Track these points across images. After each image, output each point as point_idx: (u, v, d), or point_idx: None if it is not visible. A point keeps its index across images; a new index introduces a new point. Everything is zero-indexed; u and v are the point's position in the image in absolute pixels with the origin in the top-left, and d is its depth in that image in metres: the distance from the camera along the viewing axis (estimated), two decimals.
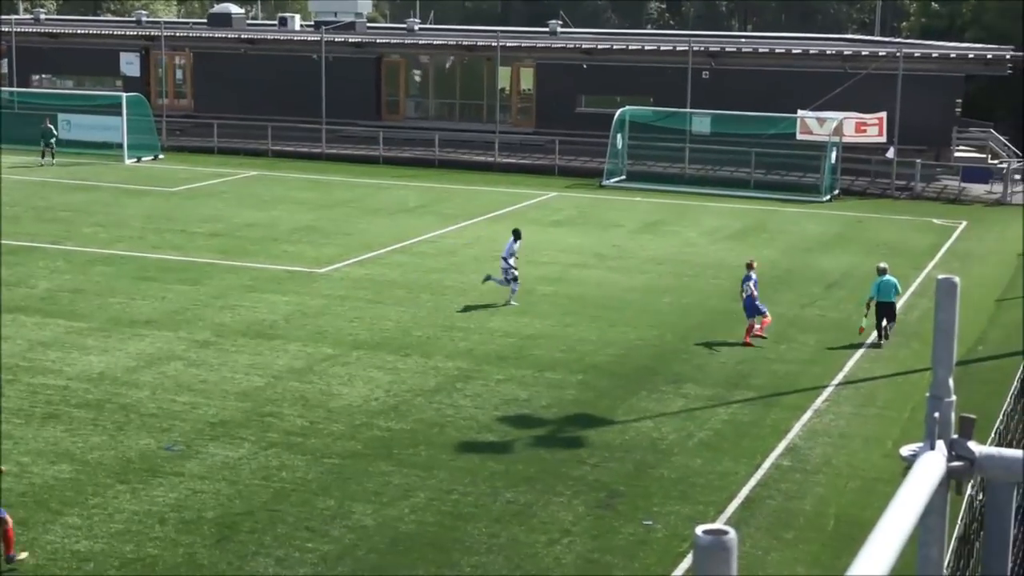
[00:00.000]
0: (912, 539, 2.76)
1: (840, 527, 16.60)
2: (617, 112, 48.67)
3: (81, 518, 16.23)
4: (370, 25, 68.87)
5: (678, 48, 51.74)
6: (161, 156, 52.82)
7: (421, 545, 15.71)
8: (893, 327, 25.61)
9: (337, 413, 20.51)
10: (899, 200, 45.66)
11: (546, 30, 59.99)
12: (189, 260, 32.27)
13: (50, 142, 50.48)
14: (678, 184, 47.23)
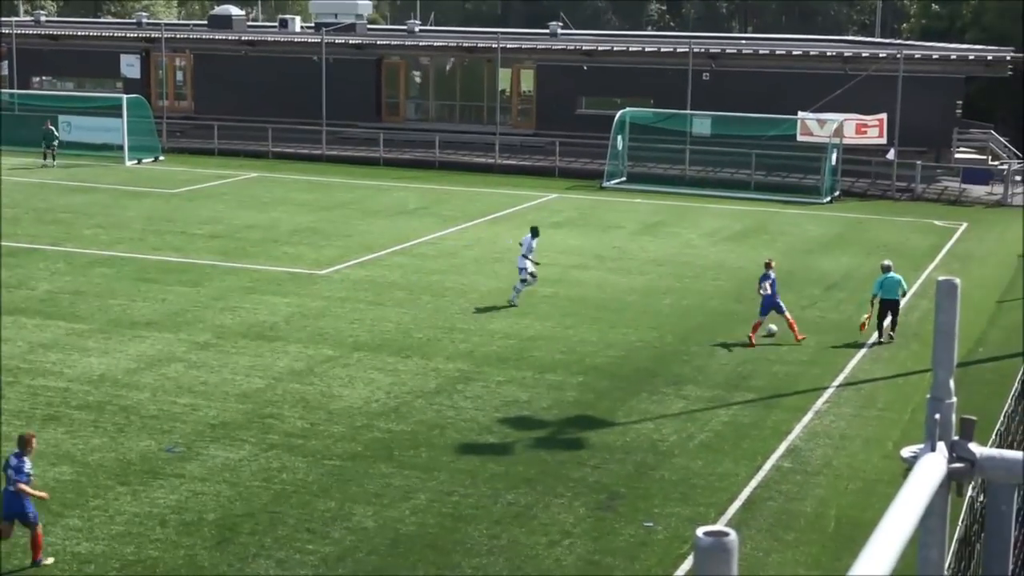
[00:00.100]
0: (913, 541, 2.76)
1: (841, 528, 16.60)
2: (617, 114, 48.69)
3: (82, 520, 16.23)
4: (370, 27, 68.85)
5: (678, 50, 51.75)
6: (161, 158, 52.83)
7: (422, 547, 15.71)
8: (896, 326, 25.66)
9: (337, 415, 20.51)
10: (899, 201, 45.66)
11: (546, 32, 59.98)
12: (189, 262, 32.28)
13: (52, 144, 50.51)
14: (678, 186, 47.23)
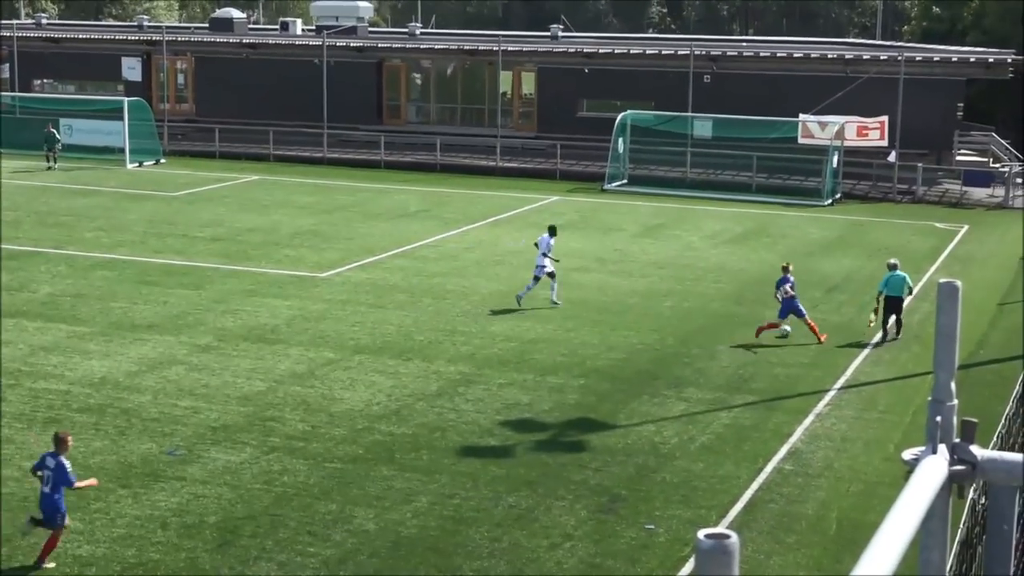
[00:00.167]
0: (914, 543, 2.76)
1: (842, 531, 16.59)
2: (618, 116, 48.70)
3: (83, 523, 16.23)
4: (371, 30, 68.88)
5: (679, 52, 51.77)
6: (163, 161, 52.86)
7: (423, 549, 15.70)
8: (901, 325, 25.74)
9: (339, 417, 20.51)
10: (900, 204, 45.66)
11: (547, 34, 59.99)
12: (191, 264, 32.29)
13: (54, 147, 50.52)
14: (680, 188, 47.23)
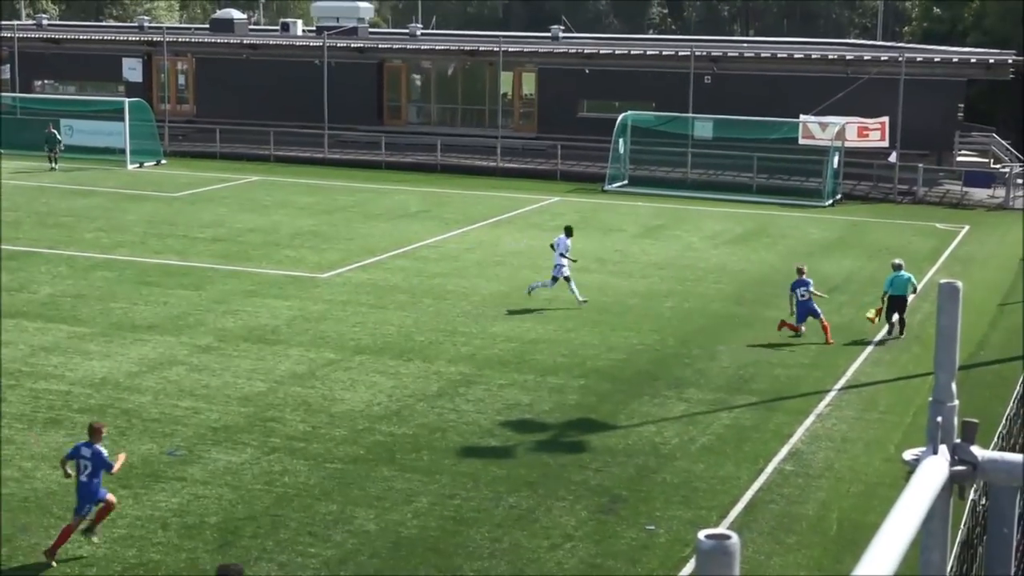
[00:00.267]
0: (915, 544, 2.76)
1: (842, 532, 16.59)
2: (619, 117, 48.71)
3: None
4: (372, 30, 68.88)
5: (680, 53, 51.76)
6: (163, 161, 52.87)
7: (423, 550, 15.70)
8: (904, 324, 25.84)
9: (339, 418, 20.51)
10: (901, 204, 45.66)
11: (548, 35, 60.00)
12: (191, 265, 32.29)
13: (54, 147, 50.51)
14: (680, 189, 47.23)
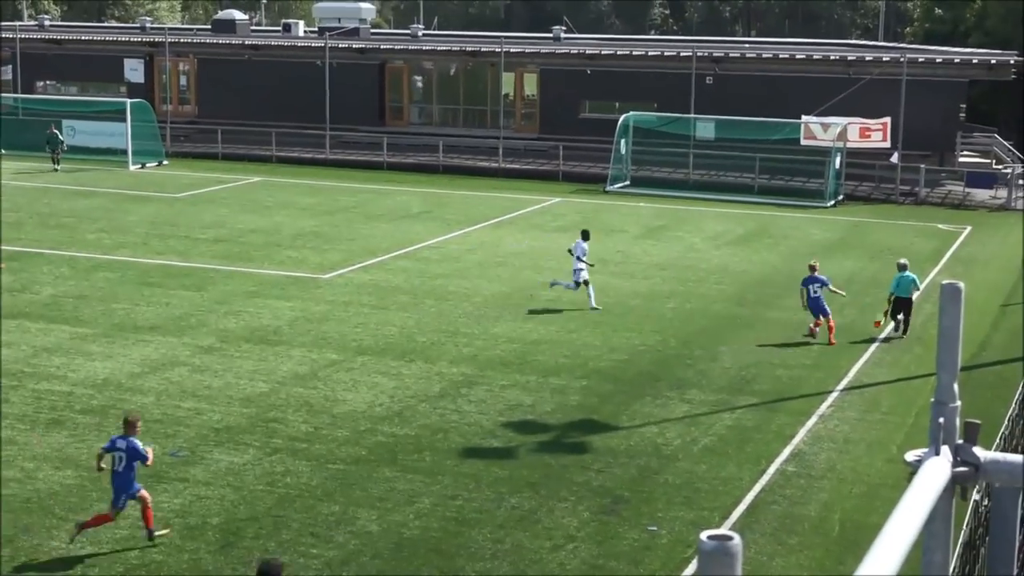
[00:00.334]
0: (917, 544, 2.76)
1: (845, 533, 16.58)
2: (621, 118, 48.71)
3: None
4: (374, 31, 68.88)
5: (682, 54, 51.75)
6: (165, 162, 52.90)
7: (425, 551, 15.70)
8: (908, 325, 25.93)
9: (341, 419, 20.51)
10: (903, 205, 45.64)
11: (549, 36, 60.01)
12: (192, 266, 32.30)
13: (56, 148, 50.54)
14: (682, 190, 47.22)
